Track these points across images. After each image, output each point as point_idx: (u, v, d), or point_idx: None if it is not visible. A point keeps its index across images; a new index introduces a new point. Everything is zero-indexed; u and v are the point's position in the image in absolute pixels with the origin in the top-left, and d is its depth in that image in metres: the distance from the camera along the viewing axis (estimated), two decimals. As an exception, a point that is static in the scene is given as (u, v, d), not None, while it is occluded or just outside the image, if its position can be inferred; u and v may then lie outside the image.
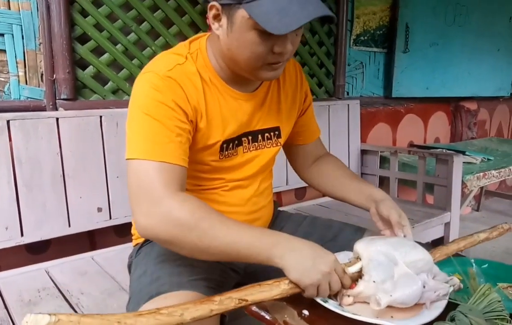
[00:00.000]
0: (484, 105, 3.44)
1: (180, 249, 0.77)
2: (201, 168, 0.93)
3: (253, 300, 0.71)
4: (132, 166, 0.78)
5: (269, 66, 0.83)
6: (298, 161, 1.16)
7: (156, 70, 0.82)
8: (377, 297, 0.71)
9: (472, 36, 3.00)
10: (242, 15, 0.77)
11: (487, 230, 1.00)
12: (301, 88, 1.06)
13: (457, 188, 2.00)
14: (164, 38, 1.72)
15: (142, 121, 0.79)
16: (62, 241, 1.50)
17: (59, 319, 0.59)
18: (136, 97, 0.83)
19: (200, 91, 0.86)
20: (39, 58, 1.47)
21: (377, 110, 2.67)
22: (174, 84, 0.82)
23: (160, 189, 0.75)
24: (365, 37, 2.52)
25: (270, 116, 0.99)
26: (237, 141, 0.94)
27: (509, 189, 3.90)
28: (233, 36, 0.81)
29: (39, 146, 1.39)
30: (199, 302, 0.69)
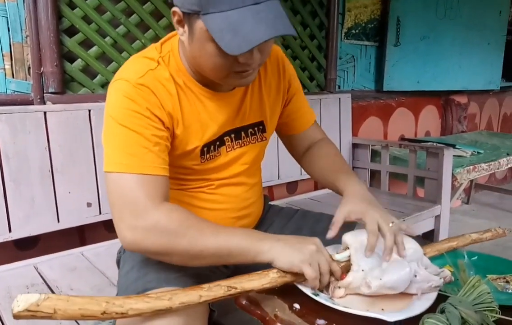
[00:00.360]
0: (474, 99, 3.47)
1: (170, 258, 0.77)
2: (184, 171, 0.91)
3: (242, 288, 0.71)
4: (111, 179, 0.77)
5: (237, 74, 0.79)
6: (292, 149, 1.13)
7: (127, 77, 0.79)
8: (367, 280, 0.72)
9: (463, 30, 3.02)
10: (201, 27, 0.74)
11: (480, 231, 1.02)
12: (283, 77, 1.01)
13: (447, 181, 2.02)
14: (153, 30, 1.70)
15: (117, 133, 0.77)
16: (51, 237, 1.48)
17: (49, 297, 0.59)
18: (109, 107, 0.80)
19: (174, 97, 0.83)
20: (26, 51, 1.44)
21: (369, 104, 2.67)
22: (147, 92, 0.79)
23: (144, 201, 0.74)
24: (356, 31, 2.52)
25: (253, 111, 0.96)
26: (219, 142, 0.91)
27: (499, 182, 3.95)
28: (195, 46, 0.78)
29: (27, 141, 1.37)
30: (188, 288, 0.69)
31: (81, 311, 0.61)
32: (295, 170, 2.14)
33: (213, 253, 0.75)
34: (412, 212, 1.90)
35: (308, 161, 1.09)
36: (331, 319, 0.70)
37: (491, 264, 0.91)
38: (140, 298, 0.66)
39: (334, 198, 1.21)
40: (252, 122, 0.96)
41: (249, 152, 0.97)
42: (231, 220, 0.97)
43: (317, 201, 2.12)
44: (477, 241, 0.99)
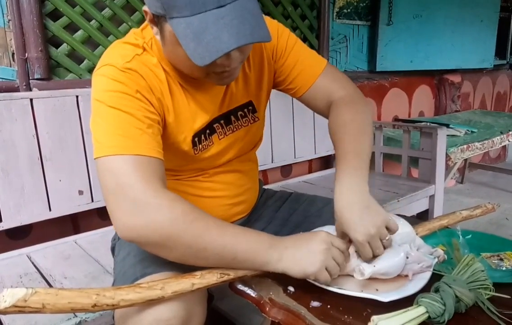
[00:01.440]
0: (468, 78, 3.47)
1: (170, 252, 0.70)
2: (177, 161, 0.88)
3: (236, 274, 0.71)
4: (104, 165, 0.70)
5: (215, 75, 0.75)
6: (315, 110, 0.99)
7: (113, 62, 0.75)
8: (360, 268, 0.71)
9: (456, 8, 2.99)
10: (169, 30, 0.69)
11: (470, 208, 1.02)
12: (265, 47, 0.91)
13: (441, 161, 2.02)
14: (140, 13, 1.65)
15: (108, 115, 0.72)
16: (43, 226, 1.47)
17: (36, 291, 0.57)
18: (96, 92, 0.75)
19: (164, 84, 0.79)
20: (9, 36, 1.40)
21: (362, 84, 2.65)
22: (135, 76, 0.75)
23: (142, 185, 0.68)
24: (348, 10, 2.48)
25: (239, 93, 0.91)
26: (209, 130, 0.87)
27: (492, 161, 3.98)
28: (167, 48, 0.75)
29: (14, 129, 1.34)
30: (181, 276, 0.68)
31: (71, 305, 0.59)
32: (289, 153, 2.14)
33: (216, 253, 0.70)
34: (407, 192, 1.90)
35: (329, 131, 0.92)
36: (326, 301, 0.70)
37: (485, 242, 0.90)
38: (131, 288, 0.64)
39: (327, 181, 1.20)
40: (240, 104, 0.92)
41: (244, 136, 0.94)
42: (227, 207, 0.96)
43: (311, 184, 2.11)
44: (467, 218, 0.99)
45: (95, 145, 0.73)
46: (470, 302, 0.65)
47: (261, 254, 0.71)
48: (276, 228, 1.03)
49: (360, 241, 0.72)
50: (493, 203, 1.04)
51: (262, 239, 0.73)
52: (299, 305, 0.70)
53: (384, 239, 0.73)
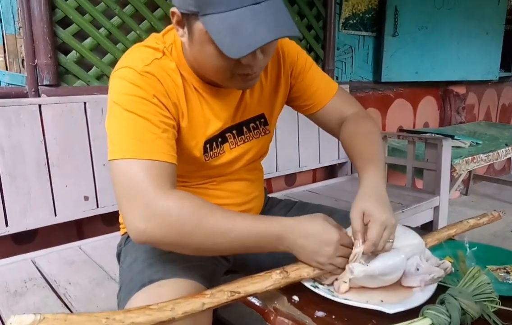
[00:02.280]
0: (473, 90, 3.46)
1: (184, 249, 0.73)
2: (187, 167, 0.89)
3: (246, 292, 0.70)
4: (118, 167, 0.72)
5: (240, 77, 0.77)
6: (324, 128, 1.06)
7: (132, 65, 0.76)
8: (350, 266, 0.72)
9: (461, 20, 3.00)
10: (200, 28, 0.71)
11: (477, 216, 1.01)
12: (284, 64, 0.96)
13: (446, 172, 2.01)
14: (149, 21, 1.68)
15: (124, 119, 0.73)
16: (48, 231, 1.48)
17: (44, 318, 0.56)
18: (114, 94, 0.76)
19: (180, 89, 0.81)
20: (19, 43, 1.42)
21: (367, 95, 2.66)
22: (153, 80, 0.76)
23: (154, 190, 0.70)
24: (354, 21, 2.50)
25: (253, 105, 0.93)
26: (221, 138, 0.89)
27: (497, 173, 3.96)
28: (195, 48, 0.76)
29: (22, 134, 1.36)
30: (190, 296, 0.67)
31: None
32: (293, 162, 2.14)
33: (228, 246, 0.73)
34: (411, 203, 1.90)
35: (343, 140, 0.99)
36: (330, 311, 0.70)
37: (491, 254, 0.90)
38: (141, 311, 0.63)
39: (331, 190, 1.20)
40: (253, 116, 0.94)
41: (254, 148, 0.96)
42: None
43: (315, 193, 2.11)
44: (475, 227, 0.99)
45: (110, 147, 0.74)
46: (476, 315, 0.65)
47: (270, 247, 0.75)
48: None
49: (382, 220, 0.73)
50: (499, 211, 1.04)
51: (272, 231, 0.74)
52: (304, 314, 0.70)
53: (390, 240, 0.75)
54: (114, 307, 0.98)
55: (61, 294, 1.13)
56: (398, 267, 0.73)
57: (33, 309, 1.05)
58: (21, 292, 1.15)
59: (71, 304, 1.08)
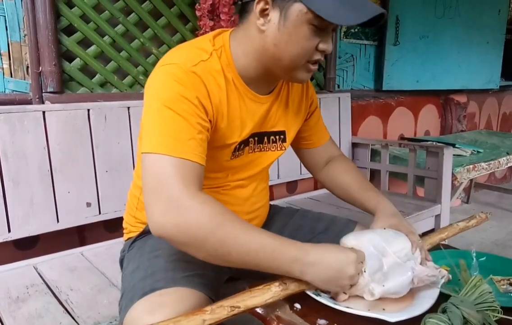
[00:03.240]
0: (474, 98, 3.47)
1: (196, 252, 0.73)
2: (208, 166, 0.89)
3: (246, 306, 0.70)
4: (150, 160, 0.74)
5: (307, 67, 0.84)
6: (309, 164, 1.16)
7: (180, 63, 0.79)
8: (370, 288, 0.72)
9: (462, 29, 3.02)
10: (300, 9, 0.77)
11: (466, 219, 1.03)
12: (307, 93, 1.05)
13: (447, 180, 2.02)
14: (152, 29, 1.69)
15: (164, 114, 0.75)
16: (50, 237, 1.48)
17: None
18: (157, 89, 0.78)
19: (223, 90, 0.84)
20: (24, 50, 1.43)
21: (368, 103, 2.67)
22: (198, 81, 0.79)
23: (179, 187, 0.71)
24: (355, 30, 2.51)
25: (278, 119, 0.98)
26: (246, 141, 0.92)
27: (498, 181, 3.95)
28: (285, 31, 0.79)
29: (26, 141, 1.37)
30: (191, 313, 0.67)
31: None
32: (294, 170, 2.14)
33: (240, 259, 0.72)
34: (412, 211, 1.90)
35: (328, 176, 1.11)
36: (332, 319, 0.70)
37: (499, 265, 0.90)
38: None
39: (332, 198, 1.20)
40: (276, 130, 0.98)
41: (266, 158, 0.99)
42: None
43: (317, 201, 2.11)
44: (464, 229, 1.02)
45: (144, 139, 0.76)
46: (477, 324, 0.65)
47: (283, 268, 0.73)
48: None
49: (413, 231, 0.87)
50: (486, 213, 1.05)
51: (287, 251, 0.74)
52: (306, 322, 0.70)
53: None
54: (116, 314, 0.99)
55: (63, 300, 1.13)
56: (407, 285, 0.74)
57: (34, 316, 1.05)
58: (23, 298, 1.15)
59: (73, 310, 1.08)
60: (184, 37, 1.79)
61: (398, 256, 0.77)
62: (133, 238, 1.00)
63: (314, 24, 0.77)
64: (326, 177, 1.12)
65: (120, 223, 1.09)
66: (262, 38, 0.82)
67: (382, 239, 0.79)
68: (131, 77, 1.68)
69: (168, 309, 0.73)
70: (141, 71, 1.70)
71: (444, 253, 0.93)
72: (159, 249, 0.89)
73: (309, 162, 1.15)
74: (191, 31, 1.81)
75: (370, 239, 0.78)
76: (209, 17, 1.75)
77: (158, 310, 0.74)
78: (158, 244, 0.91)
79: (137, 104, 1.59)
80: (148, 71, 1.71)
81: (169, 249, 0.89)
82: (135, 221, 1.01)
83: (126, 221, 1.05)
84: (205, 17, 1.74)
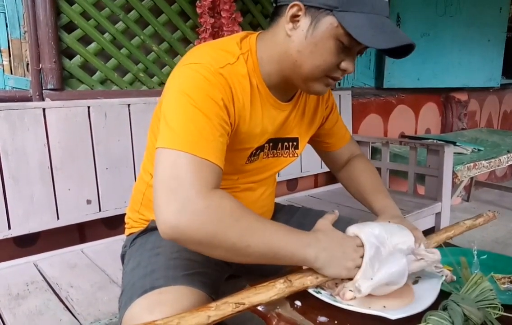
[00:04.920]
0: (474, 96, 3.47)
1: (214, 249, 0.70)
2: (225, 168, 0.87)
3: (250, 302, 0.69)
4: (168, 156, 0.71)
5: (326, 81, 0.83)
6: (329, 164, 1.19)
7: (207, 63, 0.77)
8: (356, 285, 0.72)
9: (463, 27, 3.01)
10: (331, 22, 0.76)
11: (473, 217, 1.03)
12: (322, 99, 1.05)
13: (448, 178, 2.02)
14: (153, 27, 1.69)
15: (189, 111, 0.73)
16: (51, 234, 1.48)
17: None
18: (184, 85, 0.76)
19: (247, 95, 0.83)
20: (24, 47, 1.43)
21: (369, 101, 2.67)
22: (225, 83, 0.78)
23: (197, 187, 0.69)
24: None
25: (293, 126, 0.98)
26: (261, 146, 0.92)
27: (499, 179, 3.95)
28: (312, 40, 0.78)
29: (26, 138, 1.37)
30: (196, 309, 0.66)
31: None
32: (295, 167, 2.14)
33: (258, 251, 0.71)
34: (413, 209, 1.90)
35: (346, 177, 1.14)
36: (333, 317, 0.70)
37: (500, 263, 0.90)
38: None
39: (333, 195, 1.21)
40: (290, 137, 0.98)
41: (278, 164, 0.99)
42: None
43: (318, 198, 2.11)
44: (471, 227, 1.00)
45: (165, 133, 0.73)
46: (478, 321, 0.65)
47: (299, 253, 0.74)
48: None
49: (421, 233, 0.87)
50: (493, 211, 1.04)
51: (302, 238, 0.75)
52: (306, 320, 0.70)
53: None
54: (116, 311, 0.99)
55: (63, 297, 1.14)
56: (402, 272, 0.73)
57: (35, 312, 1.06)
58: (23, 295, 1.15)
59: (73, 307, 1.08)
60: (185, 35, 1.78)
61: (398, 248, 0.76)
62: (135, 233, 1.00)
63: (341, 41, 0.77)
64: (343, 177, 1.14)
65: (120, 220, 1.09)
66: (287, 42, 0.81)
67: (384, 230, 0.79)
68: (131, 74, 1.67)
69: (168, 307, 0.73)
70: (142, 69, 1.69)
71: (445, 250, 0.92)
72: (160, 247, 0.89)
73: (329, 162, 1.18)
74: (192, 29, 1.80)
75: (373, 229, 0.78)
76: (210, 14, 1.75)
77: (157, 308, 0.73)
78: (159, 242, 0.91)
79: (137, 101, 1.59)
80: (149, 69, 1.71)
81: (170, 247, 0.89)
82: (138, 216, 1.01)
83: (128, 216, 1.05)
84: (205, 14, 1.74)
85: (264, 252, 0.72)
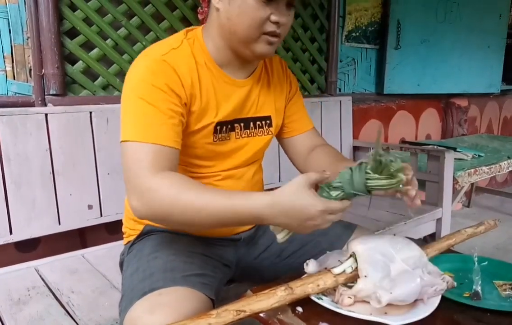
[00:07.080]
0: (475, 102, 3.47)
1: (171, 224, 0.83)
2: (194, 152, 0.93)
3: (251, 310, 0.69)
4: (124, 148, 0.80)
5: (265, 39, 0.86)
6: (293, 154, 1.13)
7: (151, 54, 0.85)
8: (377, 295, 0.71)
9: (463, 33, 3.02)
10: None
11: (474, 225, 1.02)
12: (286, 79, 1.09)
13: (449, 184, 2.02)
14: (154, 33, 1.70)
15: (135, 105, 0.81)
16: (52, 239, 1.48)
17: None
18: (130, 81, 0.84)
19: (194, 72, 0.88)
20: (27, 53, 1.44)
21: (369, 106, 2.68)
22: (168, 68, 0.83)
23: (147, 170, 0.76)
24: (357, 34, 2.52)
25: (262, 105, 1.01)
26: (230, 125, 0.95)
27: (499, 185, 3.95)
28: (235, 4, 0.84)
29: (28, 143, 1.37)
30: (196, 317, 0.66)
31: None
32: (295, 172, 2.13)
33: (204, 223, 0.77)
34: (414, 215, 1.89)
35: (311, 163, 1.07)
36: (334, 323, 0.70)
37: (501, 270, 0.90)
38: None
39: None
40: (261, 115, 1.02)
41: (254, 143, 1.01)
42: None
43: (318, 204, 2.11)
44: (472, 235, 1.00)
45: (121, 129, 0.82)
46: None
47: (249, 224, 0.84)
48: (282, 245, 1.04)
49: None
50: (495, 219, 1.04)
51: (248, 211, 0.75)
52: (308, 326, 0.70)
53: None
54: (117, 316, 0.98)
55: (64, 302, 1.13)
56: (416, 291, 0.73)
57: (36, 318, 1.05)
58: (24, 300, 1.15)
59: (74, 313, 1.08)
60: (186, 41, 1.79)
61: (406, 264, 0.76)
62: (132, 241, 1.01)
63: None
64: (309, 165, 1.07)
65: (122, 225, 1.09)
66: (219, 16, 0.88)
67: (390, 245, 0.78)
68: (133, 80, 1.68)
69: (168, 308, 0.73)
70: (143, 74, 1.70)
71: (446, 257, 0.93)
72: (158, 250, 0.90)
73: (292, 152, 1.12)
74: (193, 35, 1.81)
75: (377, 245, 0.77)
76: (211, 20, 1.76)
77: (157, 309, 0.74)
78: (157, 246, 0.92)
79: (139, 107, 1.60)
80: (150, 74, 1.72)
81: (168, 249, 0.90)
82: (133, 223, 1.02)
83: (125, 225, 1.06)
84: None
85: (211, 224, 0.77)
